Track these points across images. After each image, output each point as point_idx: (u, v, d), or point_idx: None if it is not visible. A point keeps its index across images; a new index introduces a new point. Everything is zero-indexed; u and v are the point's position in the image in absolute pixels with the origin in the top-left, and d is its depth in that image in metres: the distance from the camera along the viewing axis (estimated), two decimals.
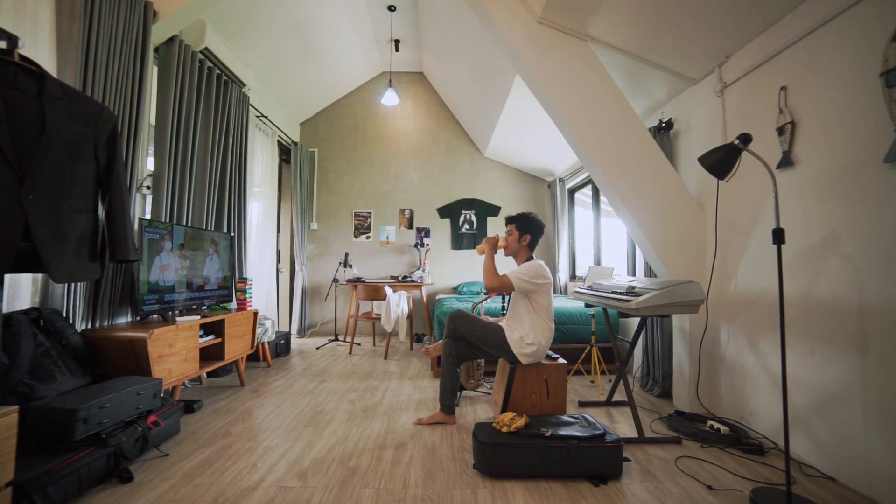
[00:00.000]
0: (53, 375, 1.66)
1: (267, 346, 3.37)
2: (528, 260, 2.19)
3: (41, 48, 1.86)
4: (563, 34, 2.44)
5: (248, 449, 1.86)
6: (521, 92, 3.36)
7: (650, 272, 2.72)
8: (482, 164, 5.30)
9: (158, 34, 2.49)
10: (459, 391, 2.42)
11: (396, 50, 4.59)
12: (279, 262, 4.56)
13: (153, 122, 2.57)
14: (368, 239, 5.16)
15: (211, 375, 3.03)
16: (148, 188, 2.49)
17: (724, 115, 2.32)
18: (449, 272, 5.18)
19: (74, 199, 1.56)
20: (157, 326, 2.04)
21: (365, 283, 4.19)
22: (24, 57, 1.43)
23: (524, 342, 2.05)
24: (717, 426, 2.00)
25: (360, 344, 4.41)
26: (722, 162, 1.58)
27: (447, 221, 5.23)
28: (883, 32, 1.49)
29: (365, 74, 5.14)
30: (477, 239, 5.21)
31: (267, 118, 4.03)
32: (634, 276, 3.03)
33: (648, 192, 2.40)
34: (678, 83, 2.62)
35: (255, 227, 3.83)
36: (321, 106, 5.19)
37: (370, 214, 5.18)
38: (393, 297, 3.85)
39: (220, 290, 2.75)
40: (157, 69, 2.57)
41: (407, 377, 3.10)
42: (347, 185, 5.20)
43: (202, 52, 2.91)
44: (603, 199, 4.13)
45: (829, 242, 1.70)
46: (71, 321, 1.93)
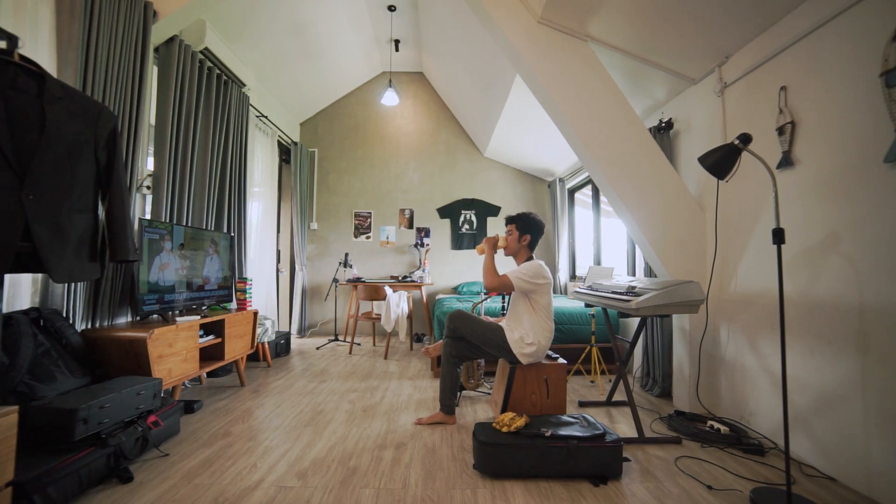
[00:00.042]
0: (53, 375, 1.66)
1: (267, 346, 3.37)
2: (528, 260, 2.19)
3: (41, 48, 1.86)
4: (563, 34, 2.44)
5: (248, 449, 1.86)
6: (521, 92, 3.36)
7: (650, 272, 2.72)
8: (482, 164, 5.30)
9: (158, 34, 2.49)
10: (459, 391, 2.42)
11: (396, 50, 4.60)
12: (279, 262, 4.56)
13: (153, 122, 2.57)
14: (368, 239, 5.16)
15: (211, 375, 3.03)
16: (148, 188, 2.49)
17: (724, 115, 2.32)
18: (449, 272, 5.18)
19: (74, 199, 1.56)
20: (157, 326, 2.04)
21: (365, 283, 4.19)
22: (24, 57, 1.43)
23: (524, 342, 2.05)
24: (717, 426, 2.00)
25: (360, 344, 4.41)
26: (722, 162, 1.58)
27: (447, 221, 5.23)
28: (883, 32, 1.49)
29: (365, 74, 5.14)
30: (477, 239, 5.20)
31: (267, 118, 4.03)
32: (634, 276, 3.03)
33: (648, 192, 2.40)
34: (678, 83, 2.62)
35: (255, 227, 3.83)
36: (321, 106, 5.19)
37: (370, 214, 5.18)
38: (393, 297, 3.85)
39: (220, 290, 2.75)
40: (157, 69, 2.57)
41: (407, 377, 3.10)
42: (347, 185, 5.20)
43: (202, 52, 2.91)
44: (603, 199, 4.13)
45: (829, 242, 1.70)
46: (71, 321, 1.93)
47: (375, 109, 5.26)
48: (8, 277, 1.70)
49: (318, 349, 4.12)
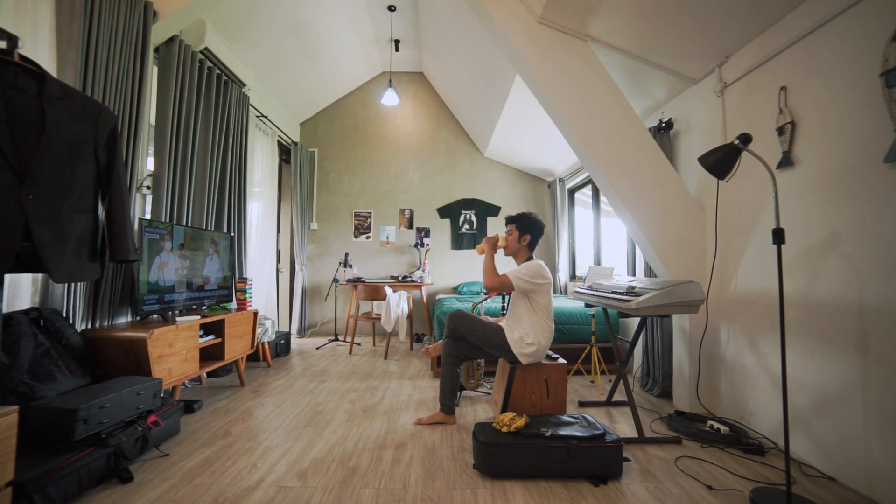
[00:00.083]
0: (53, 375, 1.66)
1: (267, 346, 3.37)
2: (527, 260, 2.19)
3: (41, 48, 1.86)
4: (563, 34, 2.44)
5: (248, 449, 1.86)
6: (521, 92, 3.36)
7: (650, 272, 2.72)
8: (482, 164, 5.30)
9: (158, 34, 2.49)
10: (459, 391, 2.42)
11: (396, 50, 4.60)
12: (279, 262, 4.56)
13: (153, 122, 2.57)
14: (368, 239, 5.16)
15: (211, 375, 3.03)
16: (148, 188, 2.49)
17: (724, 115, 2.32)
18: (449, 272, 5.18)
19: (74, 199, 1.56)
20: (157, 326, 2.04)
21: (365, 283, 4.19)
22: (24, 57, 1.43)
23: (524, 342, 2.05)
24: (717, 426, 2.00)
25: (360, 344, 4.41)
26: (722, 162, 1.58)
27: (447, 221, 5.23)
28: (883, 32, 1.49)
29: (365, 74, 5.14)
30: (477, 239, 5.20)
31: (267, 118, 4.03)
32: (634, 276, 3.03)
33: (648, 192, 2.40)
34: (678, 83, 2.62)
35: (255, 227, 3.83)
36: (321, 106, 5.19)
37: (370, 214, 5.18)
38: (393, 297, 3.85)
39: (220, 290, 2.75)
40: (157, 69, 2.57)
41: (407, 377, 3.10)
42: (347, 185, 5.20)
43: (202, 52, 2.91)
44: (603, 199, 4.13)
45: (829, 242, 1.70)
46: (71, 321, 1.93)
47: (375, 109, 5.26)
48: (8, 277, 1.70)
49: (318, 349, 4.12)
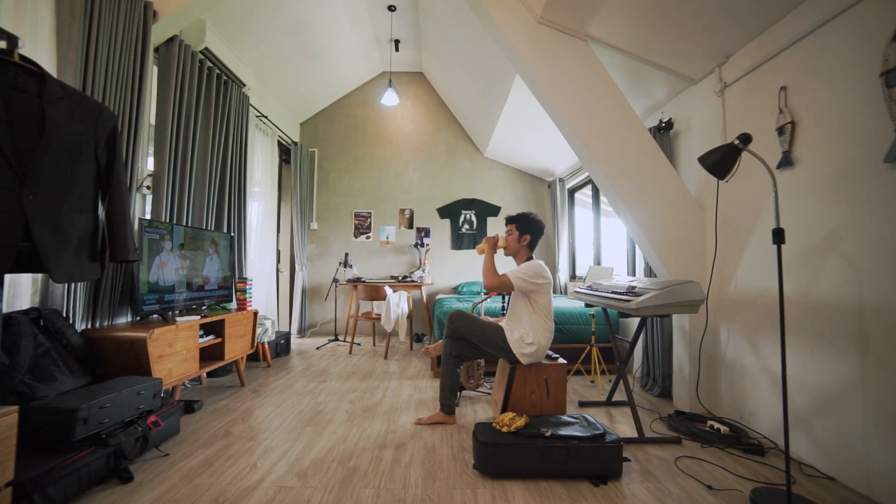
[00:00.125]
0: (53, 375, 1.66)
1: (267, 346, 3.37)
2: (527, 260, 2.19)
3: (41, 48, 1.86)
4: (563, 34, 2.44)
5: (248, 449, 1.86)
6: (521, 92, 3.36)
7: (650, 272, 2.72)
8: (482, 164, 5.30)
9: (158, 34, 2.49)
10: (459, 391, 2.42)
11: (396, 50, 4.59)
12: (279, 262, 4.56)
13: (153, 122, 2.57)
14: (368, 239, 5.16)
15: (211, 375, 3.03)
16: (148, 188, 2.49)
17: (724, 115, 2.32)
18: (449, 272, 5.18)
19: (74, 199, 1.56)
20: (157, 326, 2.04)
21: (365, 283, 4.19)
22: (24, 57, 1.43)
23: (524, 342, 2.05)
24: (717, 426, 2.00)
25: (360, 344, 4.41)
26: (722, 162, 1.58)
27: (447, 221, 5.23)
28: (883, 32, 1.49)
29: (365, 74, 5.14)
30: (477, 239, 5.21)
31: (267, 118, 4.03)
32: (634, 276, 3.03)
33: (648, 192, 2.40)
34: (678, 83, 2.62)
35: (255, 227, 3.83)
36: (321, 106, 5.19)
37: (370, 214, 5.18)
38: (393, 297, 3.85)
39: (220, 290, 2.75)
40: (157, 69, 2.57)
41: (407, 377, 3.10)
42: (347, 185, 5.20)
43: (202, 52, 2.91)
44: (603, 199, 4.13)
45: (829, 242, 1.70)
46: (71, 321, 1.93)
47: (375, 109, 5.26)
48: (8, 277, 1.70)
49: (318, 349, 4.12)
